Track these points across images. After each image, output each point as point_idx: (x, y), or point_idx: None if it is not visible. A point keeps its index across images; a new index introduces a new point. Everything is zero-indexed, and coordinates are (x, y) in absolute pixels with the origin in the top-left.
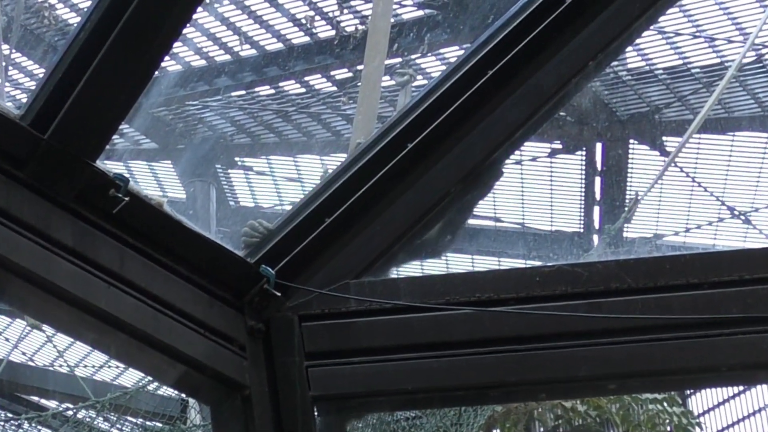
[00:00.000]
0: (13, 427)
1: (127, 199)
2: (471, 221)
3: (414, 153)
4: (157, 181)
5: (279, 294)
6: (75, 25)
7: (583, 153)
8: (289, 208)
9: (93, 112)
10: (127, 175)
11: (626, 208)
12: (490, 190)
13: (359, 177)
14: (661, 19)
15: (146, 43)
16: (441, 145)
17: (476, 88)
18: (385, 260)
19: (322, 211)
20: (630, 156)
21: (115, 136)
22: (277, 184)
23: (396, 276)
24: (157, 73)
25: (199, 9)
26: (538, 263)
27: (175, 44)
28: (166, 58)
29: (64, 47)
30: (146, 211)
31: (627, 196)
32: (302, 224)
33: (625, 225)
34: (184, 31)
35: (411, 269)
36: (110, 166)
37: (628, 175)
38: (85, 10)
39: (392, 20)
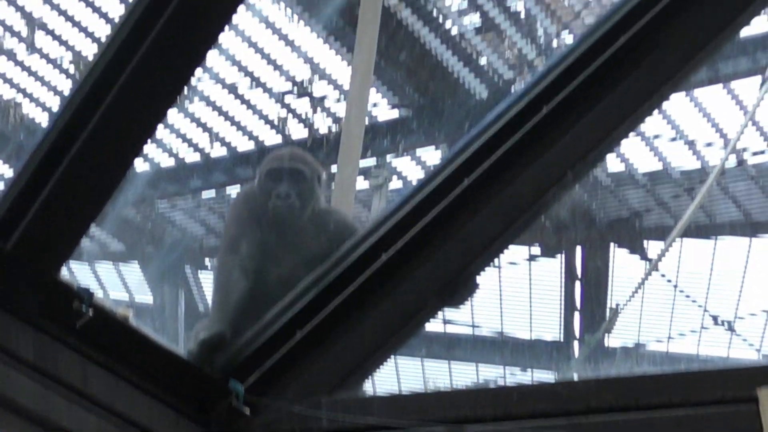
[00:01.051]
0: None
1: (91, 312)
2: (449, 328)
3: (389, 263)
4: (123, 283)
5: (248, 410)
6: (42, 125)
7: (563, 257)
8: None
9: (57, 222)
10: (90, 285)
11: (607, 318)
12: (464, 302)
13: (333, 288)
14: None
15: (114, 152)
16: (416, 255)
17: (452, 198)
18: (359, 375)
19: (294, 324)
20: (610, 261)
21: None
22: None
23: (371, 392)
24: None
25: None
26: (517, 371)
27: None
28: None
29: (28, 154)
30: (111, 325)
31: (608, 303)
32: (273, 337)
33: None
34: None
35: (387, 382)
36: (75, 266)
37: (609, 280)
38: (54, 111)
39: (366, 121)
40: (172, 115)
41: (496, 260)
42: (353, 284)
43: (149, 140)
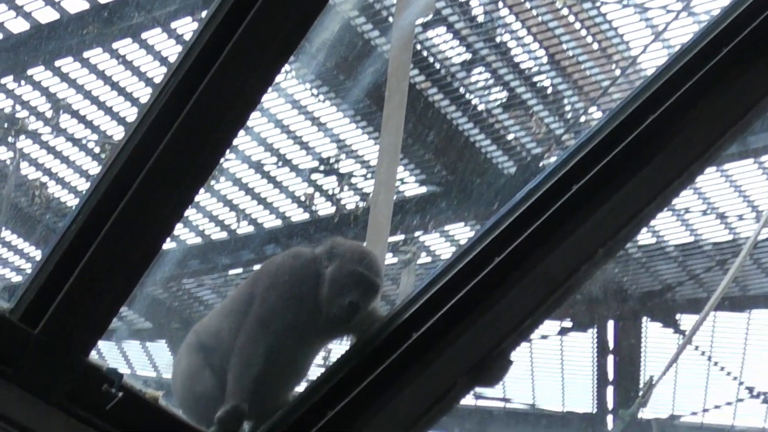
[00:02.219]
0: None
1: (120, 394)
2: (480, 402)
3: (419, 343)
4: (151, 362)
5: None
6: (71, 206)
7: (595, 331)
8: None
9: (85, 305)
10: (119, 366)
11: (641, 392)
12: (498, 382)
13: (364, 367)
14: None
15: (142, 233)
16: (447, 334)
17: (483, 276)
18: None
19: (325, 404)
20: (643, 334)
21: None
22: None
23: None
24: None
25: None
26: None
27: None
28: None
29: (56, 237)
30: (141, 406)
31: (641, 376)
32: (304, 418)
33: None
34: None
35: None
36: (102, 346)
37: (642, 353)
38: (83, 192)
39: (395, 197)
40: (200, 195)
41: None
42: (384, 364)
43: (178, 222)
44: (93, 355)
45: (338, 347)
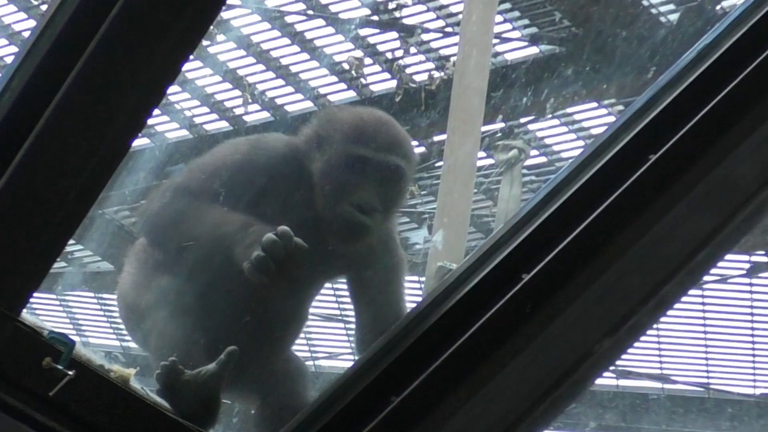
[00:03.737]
0: None
1: (71, 373)
2: (626, 382)
3: (533, 288)
4: (114, 323)
5: None
6: None
7: None
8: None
9: (8, 237)
10: (68, 330)
11: None
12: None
13: (445, 329)
14: None
15: (99, 122)
16: (576, 275)
17: (630, 185)
18: None
19: (388, 386)
20: None
21: None
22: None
23: None
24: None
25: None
26: None
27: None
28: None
29: None
30: (102, 390)
31: None
32: (355, 403)
33: None
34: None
35: None
36: (40, 299)
37: None
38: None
39: (490, 63)
40: (189, 62)
41: None
42: (479, 322)
43: (154, 106)
44: (25, 313)
45: None
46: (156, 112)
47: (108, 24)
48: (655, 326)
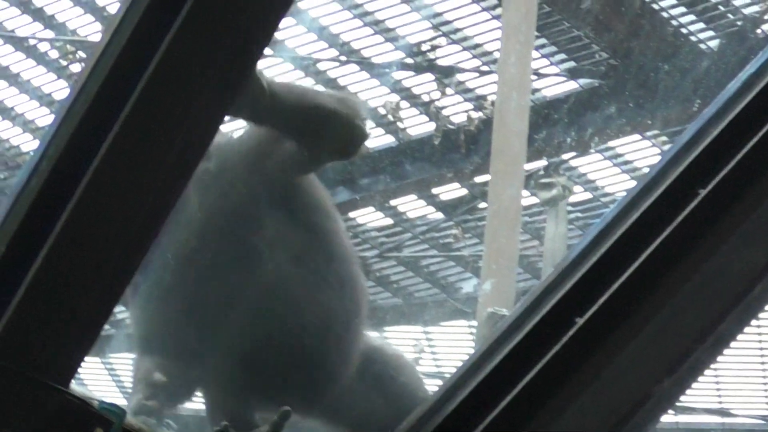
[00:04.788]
0: None
1: None
2: (685, 417)
3: (588, 332)
4: None
5: None
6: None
7: None
8: None
9: (57, 308)
10: (117, 398)
11: None
12: None
13: (500, 378)
14: None
15: (144, 185)
16: (631, 316)
17: (682, 218)
18: None
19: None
20: None
21: None
22: None
23: None
24: None
25: None
26: None
27: None
28: None
29: (7, 203)
30: None
31: None
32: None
33: None
34: None
35: None
36: (87, 365)
37: None
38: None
39: (530, 99)
40: None
41: None
42: (534, 369)
43: (196, 164)
44: (74, 384)
45: None
46: None
47: (142, 87)
48: None
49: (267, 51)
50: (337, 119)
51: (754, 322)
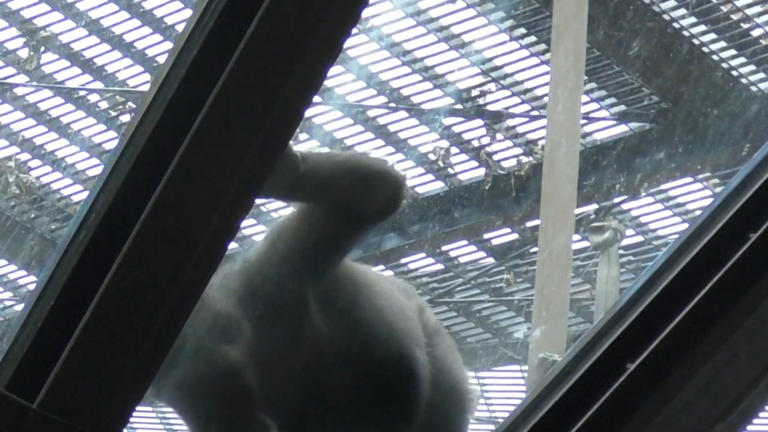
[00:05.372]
0: None
1: None
2: None
3: (640, 378)
4: None
5: None
6: (77, 201)
7: None
8: None
9: (105, 363)
10: None
11: None
12: None
13: (551, 425)
14: None
15: (192, 237)
16: (683, 361)
17: (734, 262)
18: None
19: None
20: None
21: None
22: None
23: None
24: None
25: None
26: None
27: None
28: None
29: (55, 255)
30: None
31: None
32: None
33: None
34: None
35: None
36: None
37: None
38: (94, 180)
39: (580, 143)
40: None
41: None
42: (588, 413)
43: (247, 213)
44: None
45: None
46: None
47: (188, 140)
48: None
49: (317, 99)
50: (373, 176)
51: None
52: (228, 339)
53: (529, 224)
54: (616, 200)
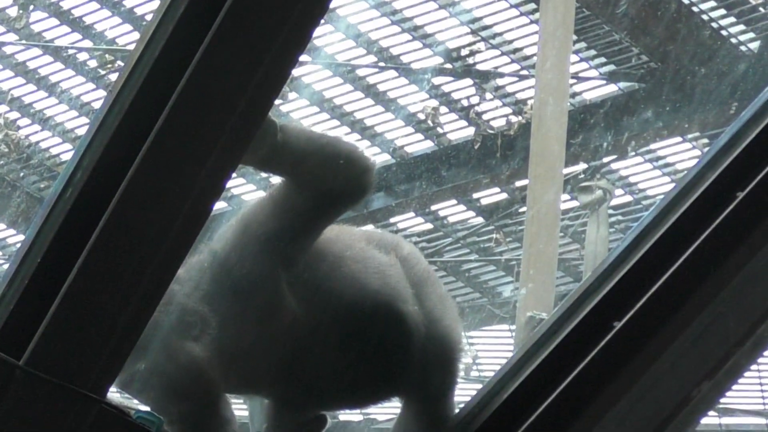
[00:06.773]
0: None
1: None
2: (729, 419)
3: (626, 336)
4: None
5: None
6: (63, 159)
7: None
8: None
9: (93, 319)
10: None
11: None
12: None
13: (539, 382)
14: None
15: (179, 194)
16: (669, 319)
17: (720, 221)
18: None
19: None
20: None
21: None
22: None
23: None
24: None
25: None
26: None
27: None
28: None
29: (42, 212)
30: None
31: None
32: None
33: None
34: None
35: None
36: None
37: None
38: (81, 137)
39: (568, 103)
40: None
41: None
42: (573, 373)
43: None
44: (111, 393)
45: None
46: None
47: (175, 97)
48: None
49: (305, 57)
50: (344, 156)
51: None
52: (193, 335)
53: (518, 183)
54: (605, 160)
